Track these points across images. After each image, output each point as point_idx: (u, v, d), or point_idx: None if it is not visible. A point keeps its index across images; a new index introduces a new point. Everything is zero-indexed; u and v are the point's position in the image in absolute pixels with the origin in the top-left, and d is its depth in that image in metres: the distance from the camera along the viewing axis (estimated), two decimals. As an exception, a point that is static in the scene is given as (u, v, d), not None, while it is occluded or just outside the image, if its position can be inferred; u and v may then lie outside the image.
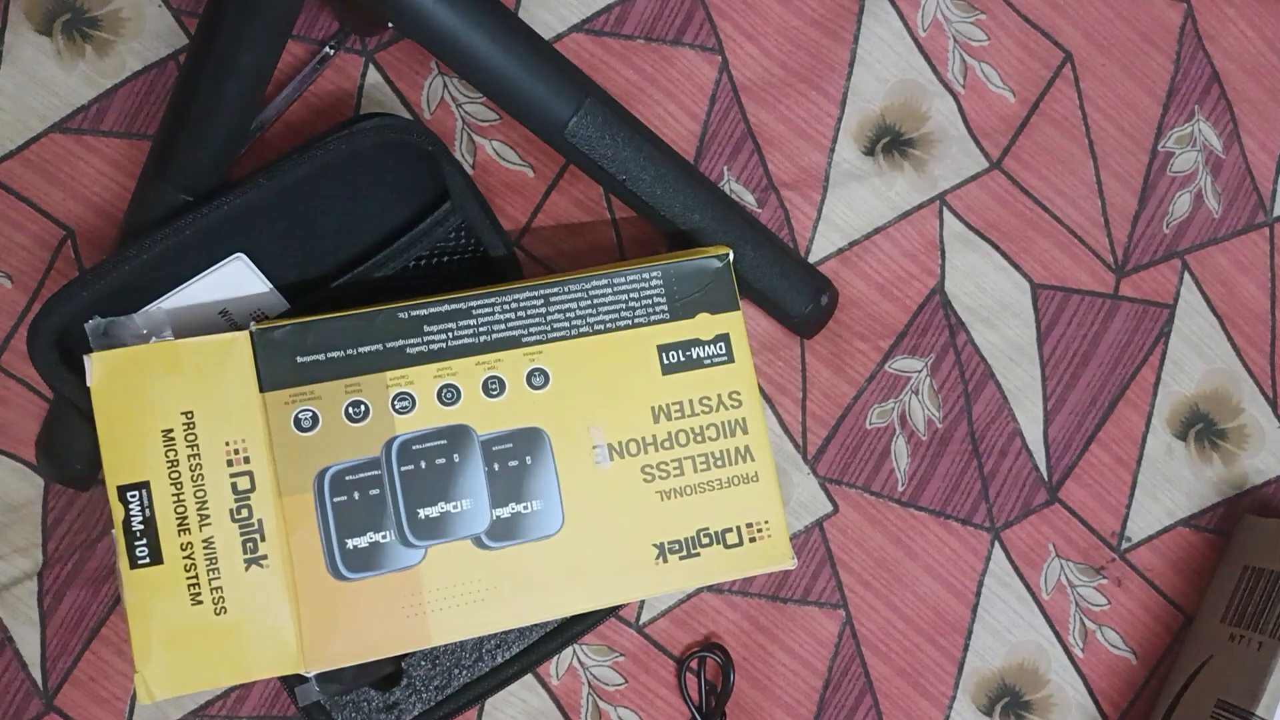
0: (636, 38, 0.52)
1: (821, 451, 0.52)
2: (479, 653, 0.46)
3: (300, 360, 0.40)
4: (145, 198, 0.44)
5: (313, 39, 0.50)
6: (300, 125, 0.49)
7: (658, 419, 0.42)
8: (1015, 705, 0.53)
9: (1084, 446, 0.54)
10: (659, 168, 0.47)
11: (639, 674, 0.50)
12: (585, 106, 0.45)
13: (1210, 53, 0.56)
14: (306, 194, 0.44)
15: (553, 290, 0.43)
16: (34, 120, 0.48)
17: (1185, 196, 0.55)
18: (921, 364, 0.53)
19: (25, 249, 0.48)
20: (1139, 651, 0.54)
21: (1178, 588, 0.54)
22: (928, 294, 0.53)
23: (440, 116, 0.50)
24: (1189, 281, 0.55)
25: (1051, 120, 0.55)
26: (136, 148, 0.49)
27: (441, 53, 0.44)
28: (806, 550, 0.52)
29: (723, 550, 0.42)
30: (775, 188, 0.52)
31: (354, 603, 0.40)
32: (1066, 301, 0.54)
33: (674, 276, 0.44)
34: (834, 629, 0.52)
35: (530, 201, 0.51)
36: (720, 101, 0.52)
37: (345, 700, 0.45)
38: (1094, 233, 0.55)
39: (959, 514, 0.53)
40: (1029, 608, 0.53)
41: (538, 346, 0.42)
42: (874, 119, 0.53)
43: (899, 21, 0.53)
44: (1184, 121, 0.56)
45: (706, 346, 0.43)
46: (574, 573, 0.41)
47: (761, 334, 0.52)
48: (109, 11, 0.49)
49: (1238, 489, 0.55)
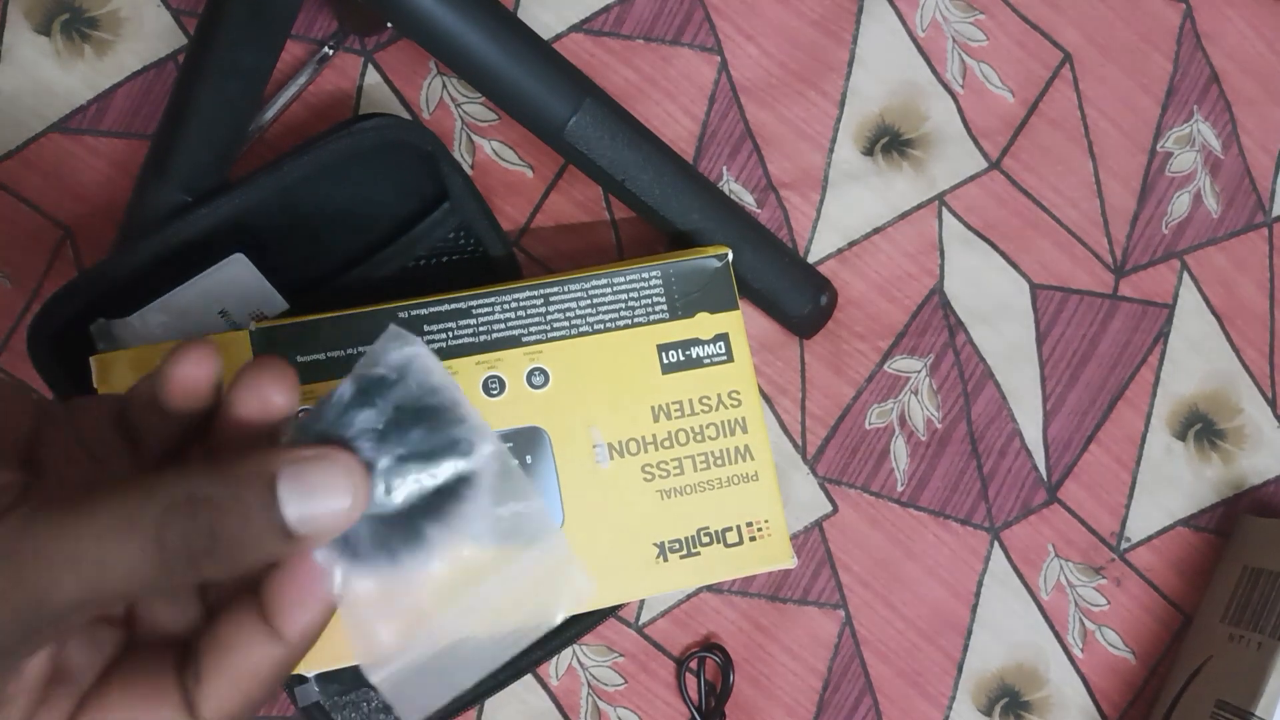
0: (635, 38, 0.52)
1: (821, 451, 0.52)
2: (478, 653, 0.46)
3: (300, 360, 0.40)
4: (145, 198, 0.44)
5: (312, 39, 0.50)
6: (299, 125, 0.49)
7: (657, 418, 0.42)
8: (1014, 705, 0.53)
9: (1083, 446, 0.54)
10: (658, 168, 0.47)
11: (638, 674, 0.50)
12: (584, 106, 0.45)
13: (1209, 53, 0.56)
14: (306, 194, 0.44)
15: (552, 290, 0.43)
16: (33, 120, 0.48)
17: (1184, 197, 0.55)
18: (921, 364, 0.53)
19: (24, 249, 0.48)
20: (1138, 651, 0.54)
21: (1177, 588, 0.54)
22: (927, 294, 0.53)
23: (439, 116, 0.50)
24: (1188, 281, 0.55)
25: (1050, 120, 0.55)
26: (136, 148, 0.49)
27: (440, 53, 0.44)
28: (806, 550, 0.52)
29: (723, 549, 0.42)
30: (774, 188, 0.52)
31: (353, 602, 0.40)
32: (1065, 302, 0.54)
33: (673, 276, 0.44)
34: (833, 629, 0.52)
35: (529, 201, 0.51)
36: (719, 101, 0.52)
37: (345, 700, 0.45)
38: (1093, 233, 0.55)
39: (958, 514, 0.53)
40: (1028, 608, 0.53)
41: (537, 346, 0.42)
42: (873, 119, 0.53)
43: (898, 22, 0.54)
44: (1183, 122, 0.56)
45: (706, 346, 0.43)
46: (573, 572, 0.41)
47: (761, 334, 0.52)
48: (108, 11, 0.49)
49: (1237, 489, 0.55)
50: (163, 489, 0.22)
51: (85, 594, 0.21)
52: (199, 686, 0.24)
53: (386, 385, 0.25)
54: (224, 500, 0.22)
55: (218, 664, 0.24)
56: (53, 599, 0.21)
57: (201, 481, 0.22)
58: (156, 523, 0.22)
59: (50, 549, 0.21)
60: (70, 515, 0.21)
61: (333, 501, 0.23)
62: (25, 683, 0.23)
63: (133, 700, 0.24)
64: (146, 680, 0.25)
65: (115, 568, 0.21)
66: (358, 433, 0.25)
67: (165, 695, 0.24)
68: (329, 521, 0.23)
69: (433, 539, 0.25)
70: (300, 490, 0.23)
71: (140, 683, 0.25)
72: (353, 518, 0.24)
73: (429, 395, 0.25)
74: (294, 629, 0.24)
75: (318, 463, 0.23)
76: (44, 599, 0.21)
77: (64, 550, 0.21)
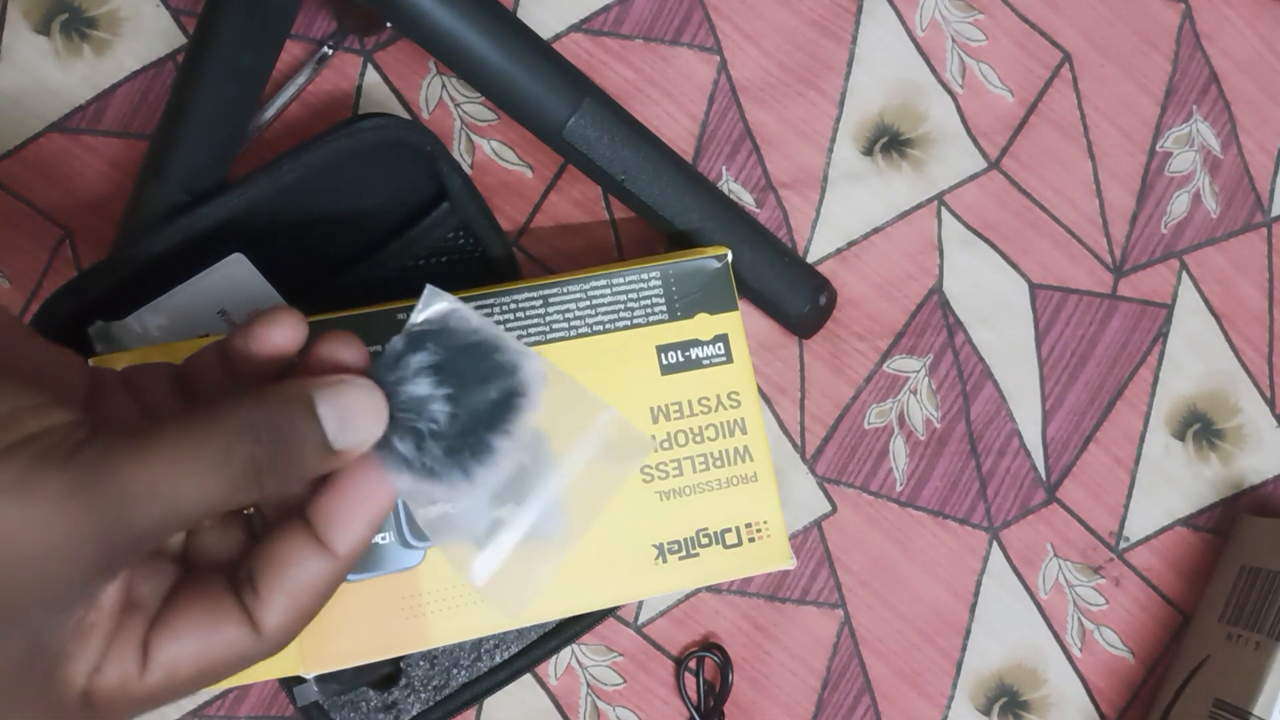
0: (635, 38, 0.52)
1: (820, 451, 0.52)
2: (477, 653, 0.46)
3: (299, 360, 0.40)
4: (144, 198, 0.44)
5: (311, 39, 0.50)
6: (299, 125, 0.49)
7: (657, 419, 0.42)
8: (1013, 705, 0.53)
9: (1082, 446, 0.54)
10: (657, 168, 0.47)
11: (637, 674, 0.50)
12: (584, 106, 0.45)
13: (1208, 53, 0.56)
14: (305, 194, 0.44)
15: (551, 290, 0.43)
16: (32, 120, 0.48)
17: (1183, 197, 0.55)
18: (920, 364, 0.53)
19: (23, 249, 0.48)
20: (1137, 651, 0.54)
21: (1176, 587, 0.54)
22: (926, 294, 0.53)
23: (439, 116, 0.50)
24: (1187, 281, 0.55)
25: (1050, 120, 0.55)
26: (135, 147, 0.49)
27: (440, 52, 0.44)
28: (805, 550, 0.52)
29: (722, 550, 0.42)
30: (774, 188, 0.52)
31: (353, 604, 0.40)
32: (1065, 301, 0.54)
33: (673, 277, 0.44)
34: (832, 629, 0.52)
35: (529, 201, 0.51)
36: (719, 101, 0.52)
37: (343, 700, 0.45)
38: (1092, 233, 0.55)
39: (957, 514, 0.53)
40: (1027, 607, 0.53)
41: (536, 347, 0.42)
42: (872, 119, 0.53)
43: (897, 21, 0.54)
44: (1182, 122, 0.56)
45: (705, 347, 0.43)
46: (573, 573, 0.41)
47: (760, 334, 0.52)
48: (107, 11, 0.49)
49: (1235, 489, 0.55)
50: (225, 416, 0.25)
51: (164, 517, 0.23)
52: (258, 602, 0.27)
53: (432, 335, 0.29)
54: (278, 422, 0.25)
55: (276, 580, 0.27)
56: (135, 523, 0.23)
57: (255, 407, 0.25)
58: (224, 446, 0.24)
59: (128, 478, 0.23)
60: (144, 446, 0.23)
61: (360, 417, 0.27)
62: (103, 611, 0.25)
63: (200, 619, 0.26)
64: (209, 601, 0.27)
65: (189, 490, 0.24)
66: (415, 371, 0.28)
67: (228, 613, 0.27)
68: (359, 434, 0.27)
69: (498, 449, 0.29)
70: (334, 408, 0.26)
71: (203, 604, 0.27)
72: (377, 432, 0.27)
73: (471, 335, 0.29)
74: (342, 543, 0.27)
75: (343, 385, 0.27)
76: (126, 524, 0.23)
77: (141, 478, 0.23)
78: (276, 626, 0.27)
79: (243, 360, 0.28)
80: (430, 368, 0.28)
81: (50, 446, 0.23)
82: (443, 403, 0.28)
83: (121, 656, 0.25)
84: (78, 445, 0.23)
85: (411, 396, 0.28)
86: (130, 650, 0.25)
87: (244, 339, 0.28)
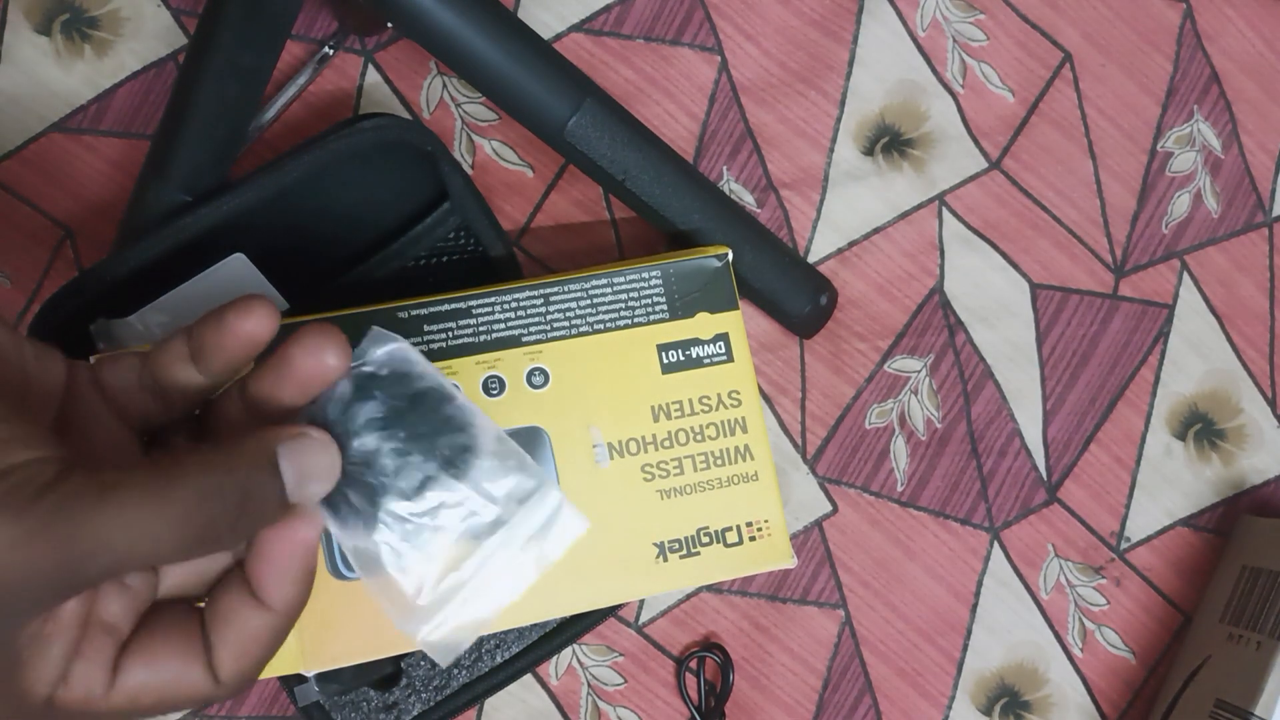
0: (636, 38, 0.52)
1: (821, 451, 0.52)
2: (478, 652, 0.46)
3: (300, 360, 0.40)
4: (145, 198, 0.44)
5: (312, 39, 0.50)
6: (300, 125, 0.49)
7: (657, 418, 0.42)
8: (1014, 705, 0.53)
9: (1083, 446, 0.54)
10: (658, 168, 0.47)
11: (638, 674, 0.50)
12: (584, 106, 0.45)
13: (1209, 53, 0.56)
14: (306, 194, 0.44)
15: (552, 289, 0.43)
16: (33, 120, 0.48)
17: (1184, 196, 0.55)
18: (920, 364, 0.53)
19: (24, 249, 0.48)
20: (1138, 651, 0.54)
21: (1176, 587, 0.54)
22: (927, 294, 0.53)
23: (439, 116, 0.50)
24: (1188, 281, 0.55)
25: (1051, 120, 0.55)
26: (136, 147, 0.49)
27: (440, 52, 0.44)
28: (806, 550, 0.52)
29: (723, 549, 0.42)
30: (774, 187, 0.52)
31: (354, 603, 0.40)
32: (1065, 301, 0.54)
33: (673, 276, 0.44)
34: (833, 629, 0.52)
35: (529, 201, 0.51)
36: (719, 101, 0.52)
37: (344, 700, 0.45)
38: (1093, 233, 0.55)
39: (958, 514, 0.53)
40: (1028, 607, 0.53)
41: (537, 346, 0.42)
42: (873, 119, 0.53)
43: (898, 21, 0.54)
44: (1183, 121, 0.56)
45: (706, 346, 0.43)
46: (573, 572, 0.41)
47: (761, 334, 0.52)
48: (108, 11, 0.49)
49: (1236, 489, 0.55)
50: (193, 477, 0.25)
51: (117, 565, 0.24)
52: (212, 651, 0.27)
53: (378, 380, 0.29)
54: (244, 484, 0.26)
55: (221, 635, 0.28)
56: (86, 568, 0.23)
57: (224, 471, 0.26)
58: (187, 509, 0.25)
59: (86, 532, 0.23)
60: (106, 500, 0.24)
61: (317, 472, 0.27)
62: (61, 623, 0.26)
63: (169, 654, 0.27)
64: (181, 637, 0.28)
65: (144, 547, 0.24)
66: (364, 424, 0.28)
67: (196, 656, 0.27)
68: (314, 489, 0.28)
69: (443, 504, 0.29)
70: (293, 464, 0.27)
71: (175, 639, 0.28)
72: (329, 487, 0.28)
73: (417, 381, 0.29)
74: (277, 600, 0.28)
75: (303, 440, 0.27)
76: (78, 568, 0.23)
77: (99, 534, 0.23)
78: (230, 675, 0.28)
79: (213, 351, 0.28)
80: (378, 420, 0.28)
81: (13, 487, 0.23)
82: (391, 456, 0.28)
83: (89, 673, 0.26)
84: (41, 489, 0.23)
85: (362, 450, 0.28)
86: (98, 669, 0.26)
87: (215, 329, 0.28)
